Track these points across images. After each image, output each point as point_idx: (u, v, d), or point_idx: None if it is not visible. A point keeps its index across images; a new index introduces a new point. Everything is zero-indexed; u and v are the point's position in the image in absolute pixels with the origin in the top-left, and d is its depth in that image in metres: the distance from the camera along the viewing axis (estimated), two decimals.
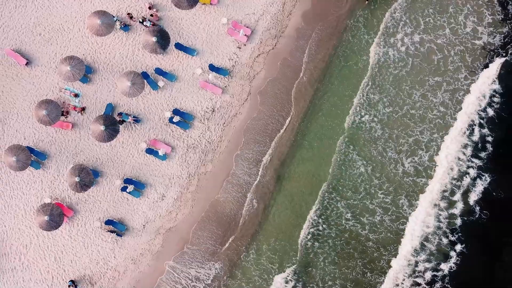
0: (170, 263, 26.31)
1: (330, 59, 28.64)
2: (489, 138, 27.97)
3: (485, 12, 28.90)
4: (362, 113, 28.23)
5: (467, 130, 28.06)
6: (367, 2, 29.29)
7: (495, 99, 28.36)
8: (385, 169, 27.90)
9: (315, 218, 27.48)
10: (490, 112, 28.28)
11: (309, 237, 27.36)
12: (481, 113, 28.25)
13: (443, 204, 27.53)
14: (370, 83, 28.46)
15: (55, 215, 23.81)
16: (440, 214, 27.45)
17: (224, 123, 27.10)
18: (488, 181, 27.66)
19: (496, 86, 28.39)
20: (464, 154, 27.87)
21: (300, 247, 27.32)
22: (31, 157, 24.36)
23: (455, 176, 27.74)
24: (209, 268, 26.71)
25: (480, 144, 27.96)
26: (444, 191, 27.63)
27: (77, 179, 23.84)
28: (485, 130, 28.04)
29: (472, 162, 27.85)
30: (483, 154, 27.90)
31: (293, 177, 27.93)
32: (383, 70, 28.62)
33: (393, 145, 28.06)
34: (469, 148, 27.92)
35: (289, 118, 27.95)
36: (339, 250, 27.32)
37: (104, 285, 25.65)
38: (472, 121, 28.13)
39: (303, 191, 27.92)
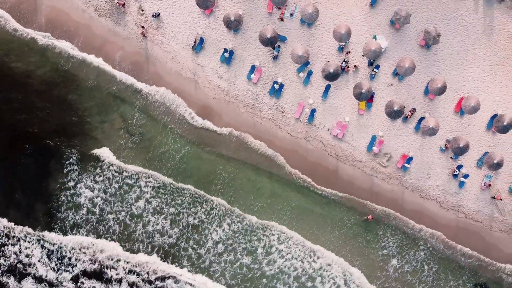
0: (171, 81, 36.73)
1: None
2: None
3: None
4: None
5: None
6: (368, 219, 36.18)
7: None
8: None
9: None
10: None
11: None
12: None
13: None
14: None
15: (209, 2, 32.60)
16: None
17: (272, 119, 36.27)
18: None
19: None
20: None
21: None
22: None
23: None
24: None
25: None
26: None
27: (232, 18, 32.21)
28: None
29: None
30: None
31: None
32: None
33: None
34: None
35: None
36: None
37: (157, 36, 35.83)
38: None
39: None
